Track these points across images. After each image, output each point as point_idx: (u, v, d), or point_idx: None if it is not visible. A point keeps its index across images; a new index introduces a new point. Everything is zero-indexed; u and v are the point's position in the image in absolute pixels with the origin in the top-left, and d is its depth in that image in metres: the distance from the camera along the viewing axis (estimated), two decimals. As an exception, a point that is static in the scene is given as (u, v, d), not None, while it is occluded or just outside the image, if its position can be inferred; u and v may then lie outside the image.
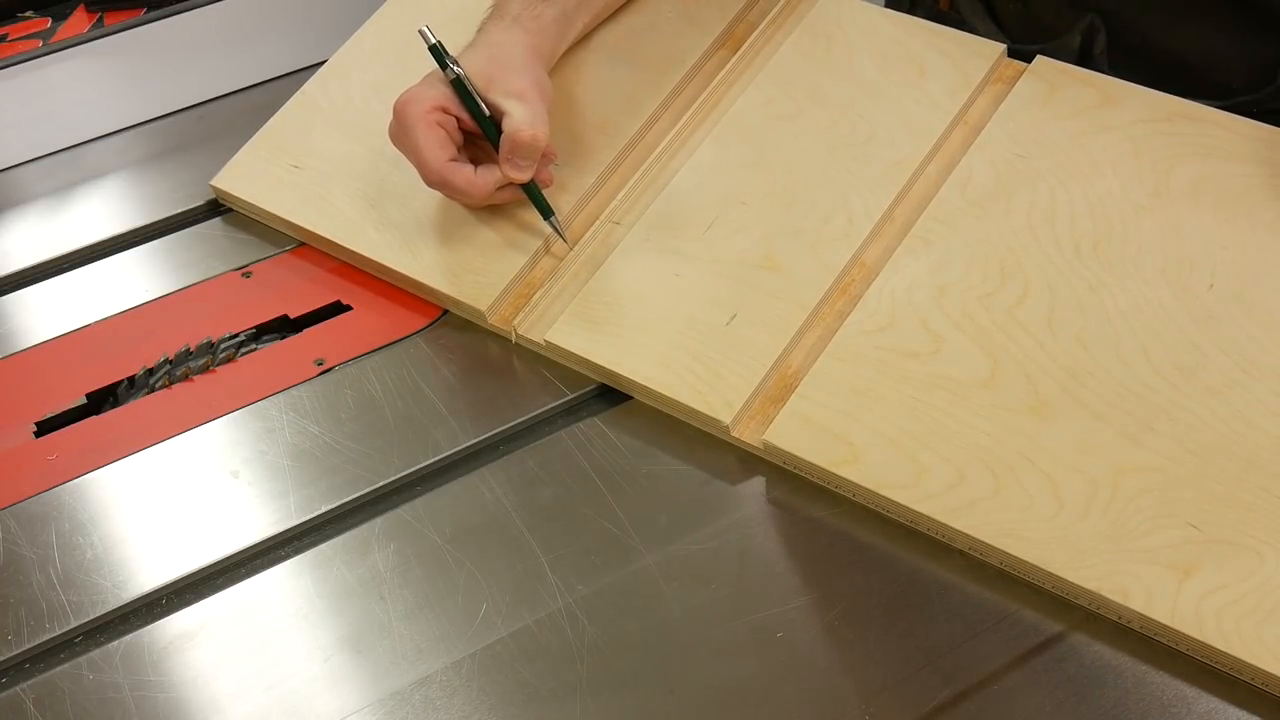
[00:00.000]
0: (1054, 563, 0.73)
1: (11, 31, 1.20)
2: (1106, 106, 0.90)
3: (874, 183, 0.89)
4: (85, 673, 0.75)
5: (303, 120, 1.02)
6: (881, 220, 0.88)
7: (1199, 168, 0.86)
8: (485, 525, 0.80)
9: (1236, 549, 0.71)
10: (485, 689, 0.72)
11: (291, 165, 0.99)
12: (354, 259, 0.95)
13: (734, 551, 0.77)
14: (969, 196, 0.87)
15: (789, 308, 0.85)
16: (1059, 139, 0.89)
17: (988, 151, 0.89)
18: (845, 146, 0.92)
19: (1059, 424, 0.77)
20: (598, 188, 0.94)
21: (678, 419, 0.84)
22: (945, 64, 0.94)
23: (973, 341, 0.81)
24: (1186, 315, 0.80)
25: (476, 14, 0.97)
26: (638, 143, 0.96)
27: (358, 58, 1.04)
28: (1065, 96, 0.91)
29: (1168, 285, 0.81)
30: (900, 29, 0.97)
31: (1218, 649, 0.69)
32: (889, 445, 0.78)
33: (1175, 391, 0.77)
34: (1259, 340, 0.78)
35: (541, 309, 0.89)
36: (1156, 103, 0.90)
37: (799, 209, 0.89)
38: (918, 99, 0.93)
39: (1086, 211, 0.85)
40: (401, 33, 1.04)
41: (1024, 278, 0.83)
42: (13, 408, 0.89)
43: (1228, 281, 0.81)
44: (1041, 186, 0.87)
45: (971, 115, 0.93)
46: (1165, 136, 0.88)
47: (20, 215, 1.04)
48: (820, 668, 0.72)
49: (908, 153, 0.91)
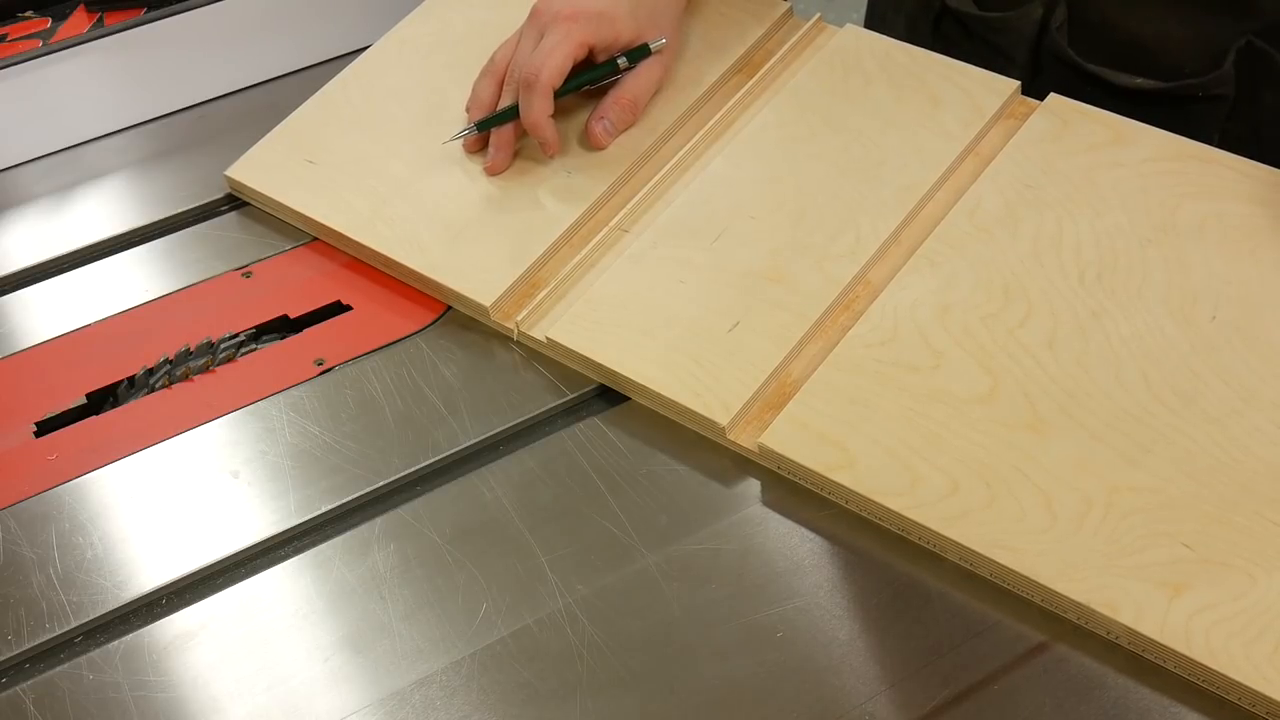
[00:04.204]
0: (1043, 574, 0.72)
1: (11, 31, 1.20)
2: (1118, 144, 0.91)
3: (883, 205, 0.90)
4: (85, 673, 0.75)
5: (321, 119, 1.03)
6: (888, 241, 0.89)
7: (1206, 206, 0.87)
8: (485, 525, 0.80)
9: (1228, 570, 0.71)
10: (485, 689, 0.72)
11: (306, 160, 1.00)
12: (362, 253, 0.95)
13: (734, 552, 0.77)
14: (977, 222, 0.88)
15: (792, 318, 0.85)
16: (1069, 172, 0.90)
17: (997, 181, 0.90)
18: (856, 170, 0.92)
19: (1056, 441, 0.77)
20: (608, 197, 0.95)
21: (676, 421, 0.84)
22: (959, 97, 0.95)
23: (973, 359, 0.81)
24: (1188, 344, 0.80)
25: (495, 28, 0.98)
26: (651, 156, 0.97)
27: (381, 63, 1.06)
28: (1077, 133, 0.92)
29: (1170, 315, 0.82)
30: (916, 62, 0.98)
31: (1206, 666, 0.68)
32: (884, 453, 0.78)
33: (1174, 417, 0.77)
34: (1259, 372, 0.78)
35: (544, 308, 0.89)
36: (1166, 143, 0.90)
37: (807, 226, 0.90)
38: (930, 129, 0.94)
39: (1093, 242, 0.86)
40: (424, 42, 1.06)
41: (1027, 301, 0.83)
42: (13, 408, 0.89)
43: (1230, 315, 0.81)
44: (1049, 216, 0.87)
45: (983, 147, 0.94)
46: (1174, 175, 0.89)
47: (20, 215, 1.04)
48: (820, 668, 0.72)
49: (918, 178, 0.91)
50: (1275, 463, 0.74)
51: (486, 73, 0.98)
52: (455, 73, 0.93)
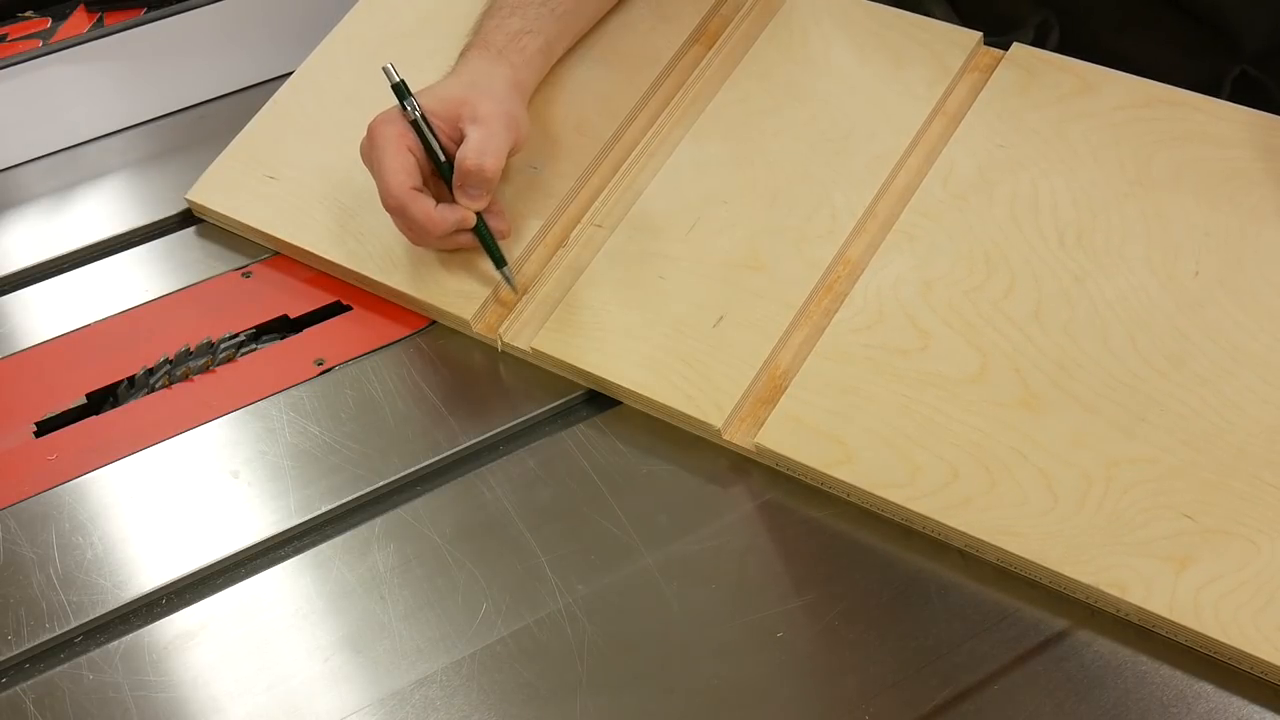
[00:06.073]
0: (1050, 558, 0.73)
1: (11, 31, 1.20)
2: (1085, 93, 0.90)
3: (855, 178, 0.89)
4: (85, 673, 0.75)
5: (276, 129, 1.01)
6: (864, 216, 0.88)
7: (1180, 153, 0.86)
8: (485, 525, 0.80)
9: (1231, 538, 0.72)
10: (485, 689, 0.73)
11: (267, 176, 0.98)
12: (335, 270, 0.94)
13: (734, 551, 0.78)
14: (951, 189, 0.87)
15: (775, 307, 0.84)
16: (1039, 127, 0.89)
17: (968, 142, 0.89)
18: (825, 142, 0.91)
19: (1050, 418, 0.77)
20: (577, 190, 0.93)
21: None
22: (922, 54, 0.94)
23: (961, 336, 0.81)
24: (1173, 303, 0.80)
25: (445, 19, 0.96)
26: (615, 143, 0.95)
27: (329, 64, 1.03)
28: (1044, 84, 0.91)
29: (1153, 274, 0.82)
30: (875, 19, 0.97)
31: (1217, 640, 0.69)
32: (882, 445, 0.78)
33: (1165, 381, 0.77)
34: (1246, 327, 0.78)
35: (527, 316, 0.89)
36: (1135, 88, 0.89)
37: (781, 207, 0.89)
38: (896, 90, 0.93)
39: (1069, 201, 0.85)
40: (372, 37, 1.03)
41: (1009, 270, 0.83)
42: (13, 408, 0.89)
43: (1213, 267, 0.81)
44: (1023, 177, 0.87)
45: (950, 105, 0.92)
46: (1145, 122, 0.88)
47: (20, 215, 1.04)
48: (820, 668, 0.73)
49: (888, 146, 0.90)
50: (1269, 422, 0.75)
51: (397, 209, 0.88)
52: (406, 69, 0.91)
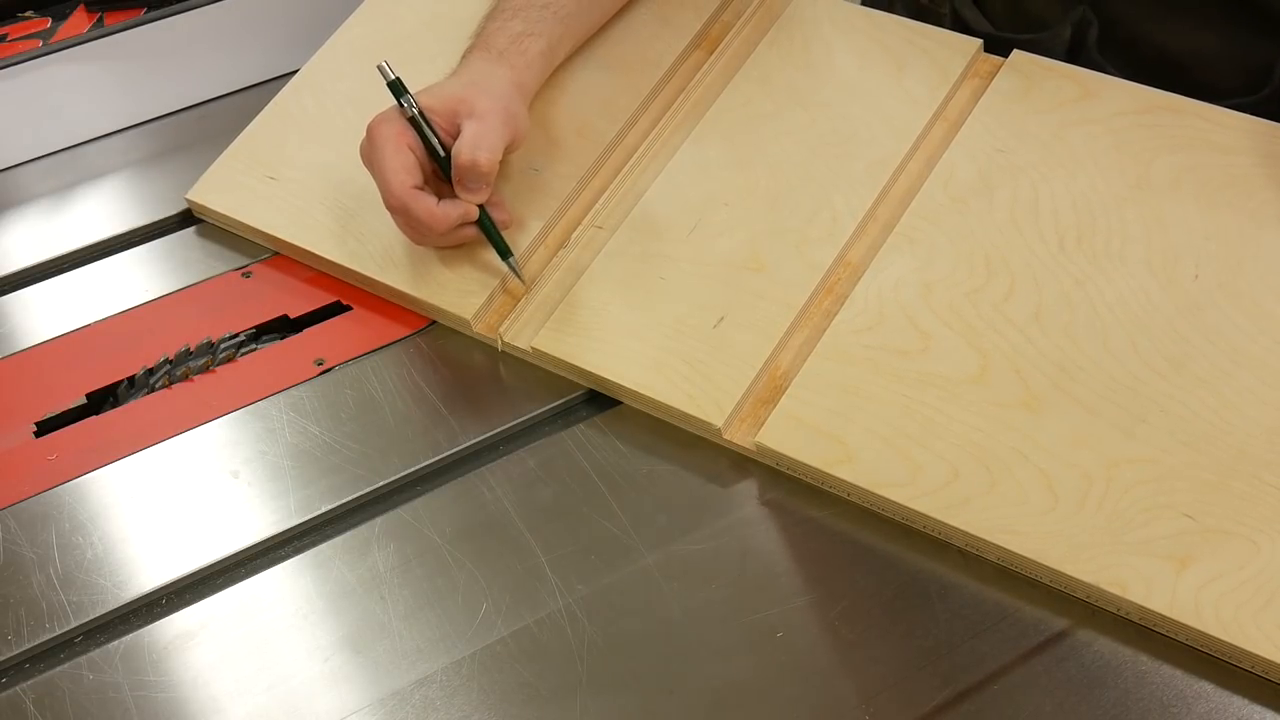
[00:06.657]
0: (1050, 556, 0.73)
1: (11, 31, 1.20)
2: (1086, 99, 0.90)
3: (856, 181, 0.89)
4: (85, 673, 0.75)
5: (277, 131, 1.01)
6: (865, 218, 0.88)
7: (1180, 159, 0.86)
8: (485, 525, 0.80)
9: (1231, 538, 0.72)
10: (485, 689, 0.72)
11: (267, 177, 0.98)
12: (336, 270, 0.94)
13: (734, 551, 0.77)
14: (951, 193, 0.87)
15: (776, 308, 0.85)
16: (1039, 133, 0.89)
17: (968, 147, 0.89)
18: (826, 145, 0.92)
19: (1051, 418, 0.77)
20: (579, 191, 0.94)
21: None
22: (923, 60, 0.94)
23: (961, 338, 0.81)
24: (1173, 306, 0.80)
25: (447, 22, 0.96)
26: (617, 146, 0.96)
27: (330, 66, 1.04)
28: (1044, 90, 0.91)
29: (1153, 277, 0.82)
30: (876, 26, 0.97)
31: (1217, 638, 0.69)
32: (882, 444, 0.78)
33: (1165, 383, 0.78)
34: (1245, 329, 0.79)
35: (527, 316, 0.89)
36: (1136, 94, 0.90)
37: (782, 209, 0.89)
38: (897, 96, 0.93)
39: (1069, 205, 0.86)
40: (375, 39, 1.04)
41: (1010, 273, 0.83)
42: (13, 408, 0.89)
43: (1212, 271, 0.81)
44: (1024, 181, 0.87)
45: (951, 111, 0.93)
46: (1145, 128, 0.88)
47: (20, 215, 1.04)
48: (820, 668, 0.72)
49: (889, 150, 0.91)
50: (1268, 424, 0.75)
51: (399, 208, 0.88)
52: (408, 71, 0.91)
